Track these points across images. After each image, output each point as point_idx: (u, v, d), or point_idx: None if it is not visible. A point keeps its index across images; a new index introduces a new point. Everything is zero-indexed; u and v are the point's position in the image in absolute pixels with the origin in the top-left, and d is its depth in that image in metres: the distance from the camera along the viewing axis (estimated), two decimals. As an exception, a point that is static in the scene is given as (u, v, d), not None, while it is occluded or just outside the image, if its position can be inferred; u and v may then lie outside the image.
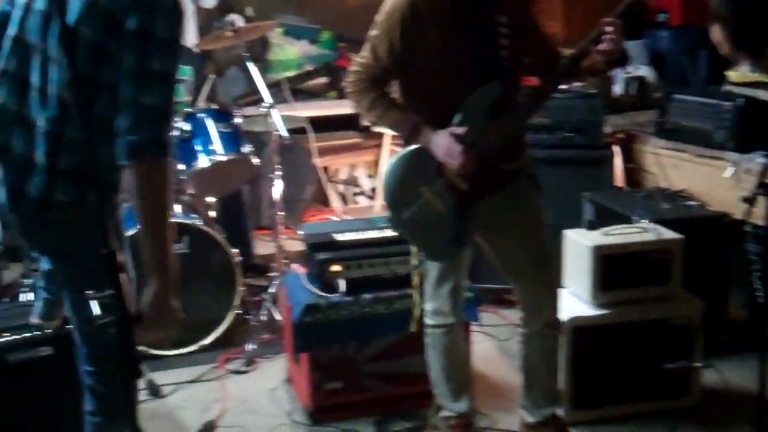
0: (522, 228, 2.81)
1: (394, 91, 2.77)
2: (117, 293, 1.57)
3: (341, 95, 5.95)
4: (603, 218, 3.67)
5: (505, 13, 2.62)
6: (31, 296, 3.20)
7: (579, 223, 3.78)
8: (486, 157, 2.61)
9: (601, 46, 2.53)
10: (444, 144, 2.59)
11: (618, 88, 5.24)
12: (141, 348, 2.67)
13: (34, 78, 1.95)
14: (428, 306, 2.92)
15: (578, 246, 3.25)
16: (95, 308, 1.57)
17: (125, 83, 1.84)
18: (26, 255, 3.92)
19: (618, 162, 4.36)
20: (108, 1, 1.85)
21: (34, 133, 1.94)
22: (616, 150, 4.35)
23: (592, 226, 3.61)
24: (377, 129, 5.80)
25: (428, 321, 2.94)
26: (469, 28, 2.59)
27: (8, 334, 3.01)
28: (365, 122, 6.00)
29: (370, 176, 6.25)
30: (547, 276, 2.85)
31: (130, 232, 2.60)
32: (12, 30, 2.00)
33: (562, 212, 3.65)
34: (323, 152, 5.64)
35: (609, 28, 2.51)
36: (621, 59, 2.62)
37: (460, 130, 2.58)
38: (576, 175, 4.11)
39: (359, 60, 2.70)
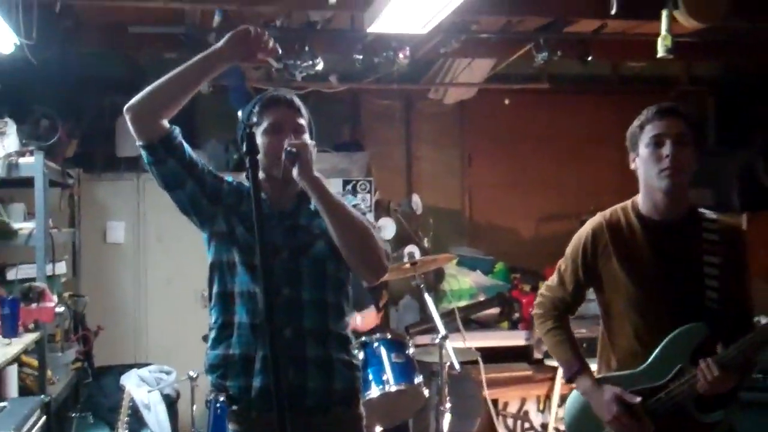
0: None
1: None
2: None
3: (513, 326, 5.93)
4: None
5: (716, 253, 2.46)
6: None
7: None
8: (681, 405, 2.43)
9: None
10: (603, 406, 2.48)
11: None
12: None
13: None
14: None
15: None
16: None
17: None
18: None
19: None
20: None
21: None
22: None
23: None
24: (549, 362, 5.69)
25: None
26: (671, 263, 2.49)
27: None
28: (537, 354, 5.91)
29: (540, 411, 6.06)
30: None
31: None
32: None
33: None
34: (493, 384, 5.55)
35: None
36: None
37: (629, 397, 2.44)
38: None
39: (547, 283, 2.76)
